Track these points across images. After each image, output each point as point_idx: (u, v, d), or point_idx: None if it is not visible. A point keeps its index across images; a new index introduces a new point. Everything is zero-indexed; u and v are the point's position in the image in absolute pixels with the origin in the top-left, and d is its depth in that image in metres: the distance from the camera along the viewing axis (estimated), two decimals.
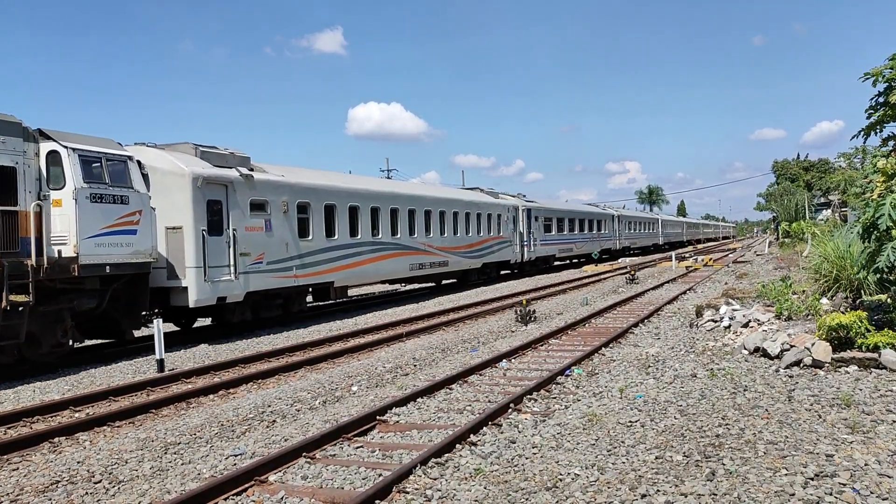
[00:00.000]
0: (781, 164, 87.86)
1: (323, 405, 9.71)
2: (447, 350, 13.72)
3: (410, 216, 24.76)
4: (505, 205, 33.78)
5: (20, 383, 11.76)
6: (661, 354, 11.55)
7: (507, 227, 33.37)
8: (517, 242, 34.76)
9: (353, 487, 6.22)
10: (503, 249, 32.92)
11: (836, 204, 50.35)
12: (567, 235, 43.22)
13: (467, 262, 29.09)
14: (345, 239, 20.72)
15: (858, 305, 11.89)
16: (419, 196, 26.13)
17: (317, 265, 19.27)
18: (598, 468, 6.15)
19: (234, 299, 16.47)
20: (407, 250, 24.15)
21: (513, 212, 34.45)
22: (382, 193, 23.52)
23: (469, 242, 29.15)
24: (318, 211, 19.65)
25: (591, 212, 50.05)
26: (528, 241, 36.29)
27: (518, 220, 35.06)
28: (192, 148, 16.65)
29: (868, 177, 11.02)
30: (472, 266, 29.77)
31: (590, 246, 47.44)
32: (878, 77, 10.01)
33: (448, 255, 27.14)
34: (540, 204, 39.54)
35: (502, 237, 32.80)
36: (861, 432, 6.69)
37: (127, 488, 6.62)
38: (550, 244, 39.98)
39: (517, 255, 34.76)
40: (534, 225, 37.01)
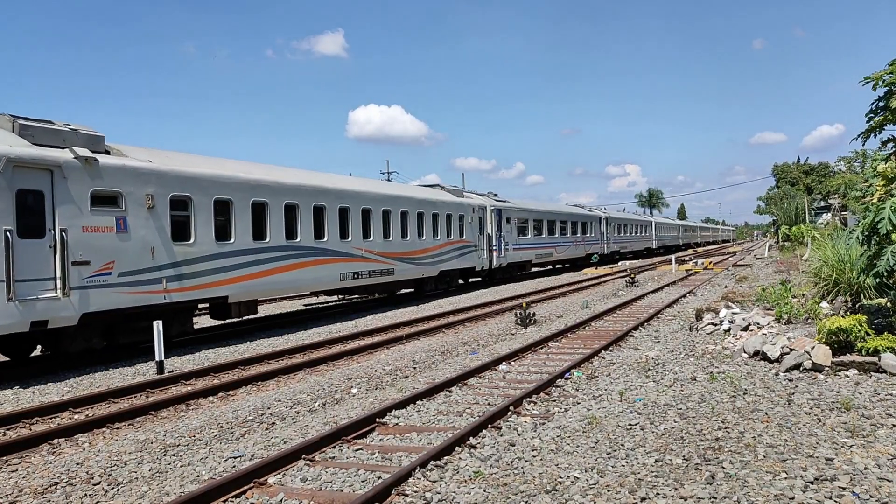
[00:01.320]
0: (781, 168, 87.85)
1: (322, 407, 9.70)
2: (447, 353, 13.72)
3: (342, 216, 20.61)
4: (469, 204, 29.67)
5: (20, 385, 11.74)
6: (661, 358, 11.55)
7: (472, 229, 29.32)
8: (484, 247, 30.88)
9: (353, 490, 6.21)
10: (467, 255, 28.91)
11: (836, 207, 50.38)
12: (546, 239, 39.34)
13: (419, 269, 25.02)
14: (245, 243, 16.74)
15: (858, 309, 11.89)
16: (354, 192, 21.53)
17: (201, 276, 15.36)
18: (597, 471, 6.15)
19: (61, 323, 12.49)
20: (337, 256, 20.08)
21: (479, 212, 30.51)
22: (302, 188, 19.11)
23: (423, 247, 25.16)
24: (203, 208, 15.59)
25: (573, 213, 45.90)
26: (499, 245, 32.50)
27: (486, 222, 31.20)
28: (9, 121, 12.67)
29: (868, 180, 11.02)
30: (427, 274, 25.82)
31: (573, 250, 44.11)
32: (879, 81, 10.01)
33: (394, 263, 23.07)
34: (513, 204, 35.69)
35: (465, 241, 28.69)
36: (861, 436, 6.69)
37: (126, 490, 6.61)
38: (526, 248, 36.27)
39: (484, 262, 30.91)
40: (505, 227, 33.26)
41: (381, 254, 22.47)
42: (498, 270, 33.17)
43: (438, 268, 26.52)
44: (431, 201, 26.46)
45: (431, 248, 25.91)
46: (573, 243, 44.31)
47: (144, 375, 12.32)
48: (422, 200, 25.75)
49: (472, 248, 29.51)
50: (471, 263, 29.50)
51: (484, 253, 30.83)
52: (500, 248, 32.55)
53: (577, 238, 45.26)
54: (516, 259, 34.80)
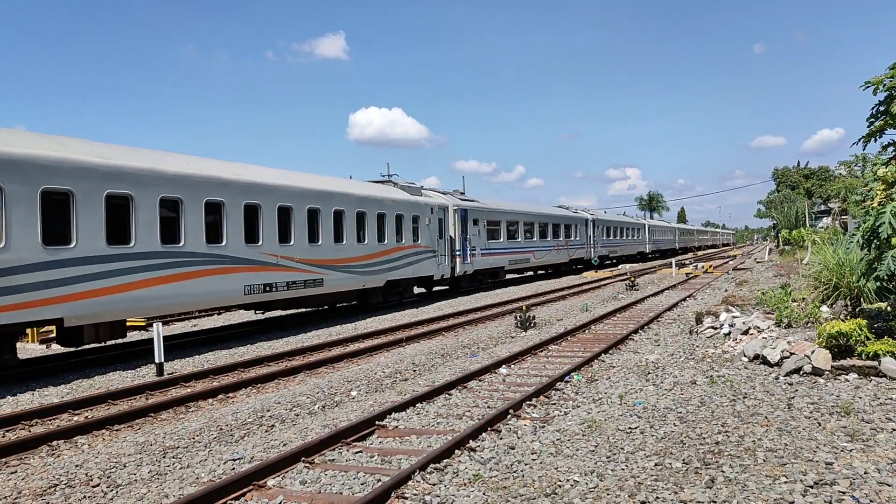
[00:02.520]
0: (782, 172, 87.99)
1: (322, 410, 9.70)
2: (447, 355, 13.71)
3: (249, 215, 16.87)
4: (427, 204, 25.84)
5: (19, 386, 11.74)
6: (661, 361, 11.54)
7: (429, 232, 25.55)
8: (445, 252, 26.95)
9: (352, 493, 6.21)
10: (423, 261, 25.03)
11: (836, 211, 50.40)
12: (522, 243, 35.51)
13: (359, 279, 21.23)
14: (92, 247, 12.96)
15: (858, 313, 11.89)
16: (267, 186, 17.62)
17: (21, 291, 11.69)
18: (597, 475, 6.14)
19: None
20: (240, 265, 16.41)
21: (439, 213, 26.67)
22: (189, 179, 15.24)
23: (363, 253, 21.32)
24: (26, 201, 11.87)
25: (555, 214, 41.79)
26: (464, 251, 28.64)
27: (447, 224, 27.32)
28: None
29: (868, 185, 11.03)
30: (371, 284, 22.00)
31: (554, 255, 40.22)
32: (879, 86, 10.03)
33: (323, 272, 19.28)
34: (481, 203, 31.90)
35: (421, 246, 24.84)
36: (861, 440, 6.69)
37: (125, 492, 6.60)
38: (497, 254, 32.36)
39: (445, 269, 27.02)
40: (472, 230, 29.46)
41: (306, 261, 18.64)
42: (464, 279, 29.50)
43: (385, 277, 22.59)
44: (376, 199, 22.44)
45: (375, 254, 22.00)
46: (554, 248, 40.34)
47: (144, 377, 12.31)
48: (363, 198, 21.63)
49: (430, 254, 25.58)
50: (427, 271, 25.58)
51: (445, 259, 26.96)
52: (464, 253, 28.72)
53: (560, 242, 41.37)
54: (485, 266, 31.08)
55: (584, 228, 46.20)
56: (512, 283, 35.71)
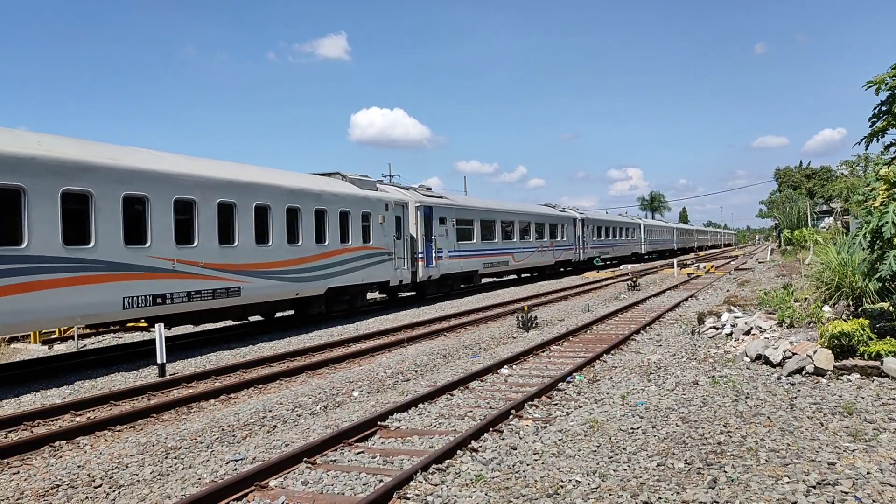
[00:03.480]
0: (783, 172, 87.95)
1: (324, 410, 9.70)
2: (448, 356, 13.71)
3: (133, 210, 13.80)
4: (381, 199, 22.64)
5: (21, 387, 11.75)
6: (663, 361, 11.53)
7: (383, 231, 22.32)
8: (405, 255, 23.87)
9: (354, 493, 6.21)
10: (375, 265, 21.84)
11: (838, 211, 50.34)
12: (499, 244, 32.44)
13: (290, 286, 17.95)
14: None
15: (860, 313, 11.87)
16: (158, 175, 14.40)
17: None
18: (599, 475, 6.14)
19: None
20: (119, 271, 13.26)
21: (396, 210, 23.52)
22: (35, 161, 11.89)
23: (298, 256, 18.21)
24: None
25: (539, 213, 38.58)
26: (428, 253, 25.50)
27: (406, 223, 24.19)
28: None
29: (870, 185, 11.02)
30: (307, 292, 18.68)
31: (538, 257, 37.03)
32: (881, 85, 10.02)
33: (241, 278, 16.18)
34: (450, 201, 28.60)
35: (372, 247, 21.63)
36: (863, 440, 6.68)
37: (127, 493, 6.61)
38: (469, 256, 29.00)
39: (404, 274, 23.89)
40: (438, 229, 26.41)
41: (216, 266, 15.47)
42: (429, 284, 26.42)
43: (325, 283, 19.33)
44: (312, 193, 19.10)
45: (312, 257, 18.81)
46: (538, 249, 37.04)
47: (146, 378, 12.32)
48: (295, 192, 18.43)
49: (384, 257, 22.35)
50: (381, 276, 22.34)
51: (404, 263, 23.77)
52: (428, 255, 25.46)
53: (544, 243, 38.12)
54: (454, 269, 27.74)
55: (572, 228, 43.09)
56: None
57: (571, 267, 43.89)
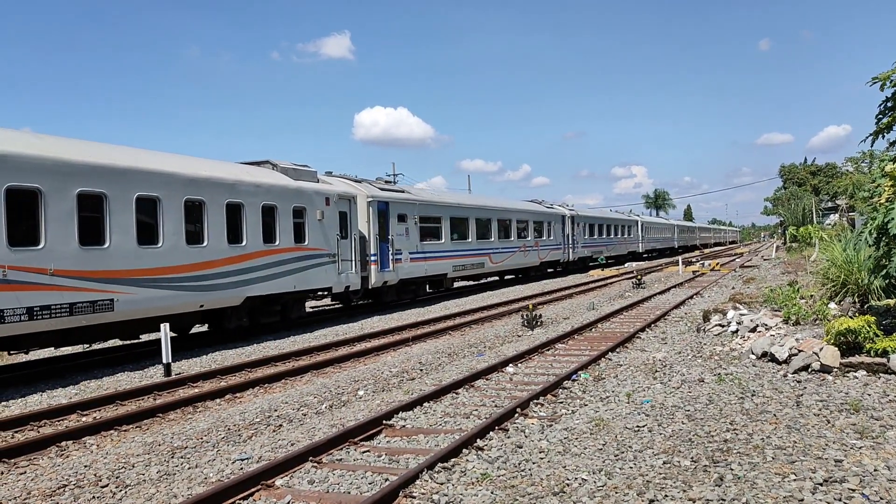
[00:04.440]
0: (788, 169, 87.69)
1: (329, 409, 9.71)
2: (453, 354, 13.71)
3: None
4: (319, 192, 19.16)
5: (28, 387, 11.79)
6: (669, 359, 11.51)
7: (322, 230, 19.04)
8: (353, 257, 20.44)
9: (360, 492, 6.21)
10: (312, 269, 18.59)
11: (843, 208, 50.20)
12: (473, 244, 29.10)
13: (193, 296, 14.69)
14: None
15: (866, 310, 11.84)
16: None
17: None
18: (605, 473, 6.13)
19: None
20: None
21: (341, 205, 19.98)
22: None
23: (202, 259, 14.97)
24: None
25: (520, 209, 35.32)
26: (383, 255, 22.32)
27: (354, 220, 20.65)
28: None
29: (876, 181, 10.98)
30: (217, 303, 15.48)
31: (520, 259, 33.87)
32: (886, 82, 9.98)
33: (115, 288, 12.98)
34: (411, 195, 25.41)
35: (308, 248, 18.40)
36: (870, 438, 6.66)
37: (134, 492, 6.63)
38: (436, 257, 25.93)
39: (351, 279, 20.39)
40: (396, 228, 23.31)
41: (76, 273, 12.26)
42: (386, 290, 23.44)
43: (243, 292, 16.12)
44: (224, 183, 15.81)
45: (222, 260, 15.49)
46: (520, 249, 33.77)
47: (152, 378, 12.35)
48: (197, 181, 15.05)
49: (324, 259, 19.05)
50: (320, 282, 19.12)
51: (351, 266, 20.37)
52: (383, 257, 22.42)
53: (528, 242, 34.88)
54: (416, 273, 24.55)
55: (560, 226, 39.80)
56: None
57: (561, 268, 41.12)
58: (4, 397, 11.09)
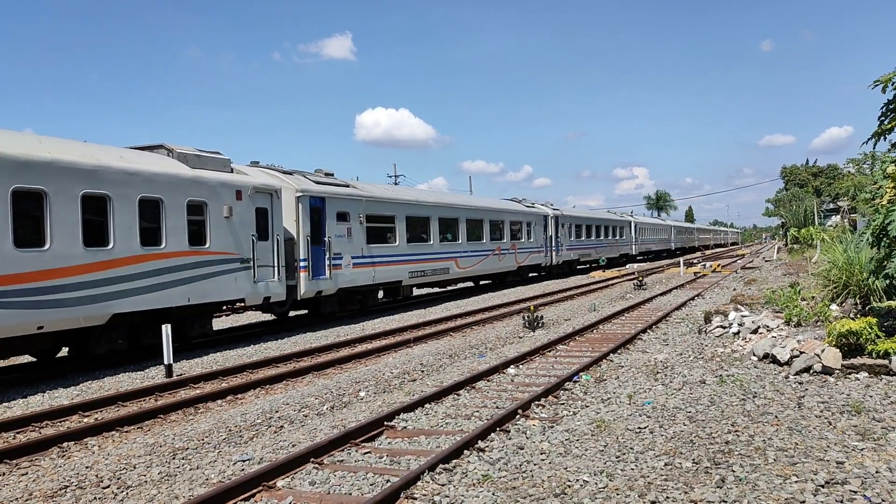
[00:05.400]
0: (790, 170, 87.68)
1: (331, 411, 9.71)
2: (455, 356, 13.71)
3: None
4: (228, 184, 15.89)
5: (30, 389, 11.80)
6: (670, 361, 11.51)
7: (232, 230, 15.83)
8: (274, 262, 17.13)
9: (361, 493, 6.21)
10: (217, 277, 15.34)
11: (845, 210, 50.14)
12: (435, 247, 25.65)
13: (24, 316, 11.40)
14: None
15: (868, 312, 11.83)
16: None
17: None
18: (606, 475, 6.13)
19: None
20: None
21: (258, 200, 16.72)
22: None
23: (43, 267, 11.72)
24: None
25: (494, 208, 31.99)
26: (316, 260, 18.93)
27: (274, 218, 17.23)
28: None
29: (877, 182, 10.98)
30: (66, 323, 12.21)
31: (492, 263, 30.48)
32: (888, 84, 9.98)
33: None
34: (355, 190, 21.59)
35: (211, 252, 15.20)
36: (872, 439, 6.65)
37: (135, 493, 6.63)
38: (387, 262, 22.48)
39: (272, 289, 17.08)
40: (335, 228, 19.82)
41: None
42: (325, 301, 20.02)
43: (108, 308, 12.86)
44: (79, 170, 12.48)
45: (75, 268, 12.27)
46: (493, 252, 30.47)
47: (153, 379, 12.36)
48: (34, 166, 11.75)
49: (235, 266, 15.85)
50: (227, 293, 15.80)
51: (273, 273, 17.12)
52: (317, 263, 18.98)
53: (503, 244, 31.61)
54: (361, 281, 21.14)
55: (542, 227, 36.67)
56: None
57: (545, 272, 37.97)
58: (6, 398, 11.10)
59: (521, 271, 34.31)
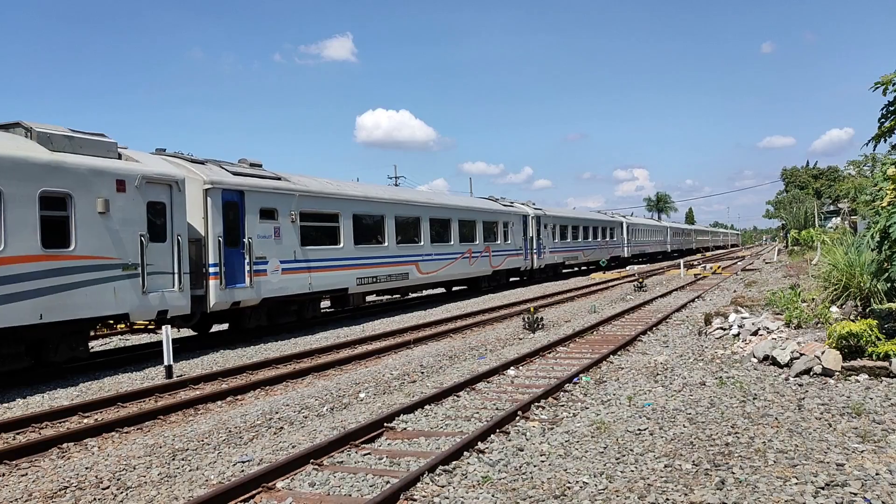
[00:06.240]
0: (790, 172, 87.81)
1: (330, 412, 9.70)
2: (455, 357, 13.71)
3: None
4: (107, 173, 13.15)
5: (29, 389, 11.80)
6: (670, 362, 11.51)
7: (111, 229, 13.10)
8: (172, 268, 14.34)
9: (361, 495, 6.21)
10: (86, 289, 12.55)
11: (845, 212, 50.16)
12: (391, 249, 22.62)
13: None
14: None
15: (868, 314, 11.83)
16: None
17: None
18: (606, 476, 6.12)
19: None
20: None
21: (152, 193, 14.00)
22: None
23: None
24: None
25: (464, 206, 28.88)
26: (232, 265, 16.03)
27: (173, 215, 14.44)
28: None
29: (878, 185, 10.98)
30: None
31: (461, 267, 27.40)
32: (888, 86, 9.99)
33: None
34: (286, 183, 18.32)
35: (79, 257, 12.49)
36: (872, 441, 6.65)
37: (135, 494, 6.63)
38: (328, 267, 19.41)
39: (170, 301, 14.26)
40: (258, 227, 16.83)
41: None
42: (251, 314, 17.22)
43: None
44: None
45: None
46: (462, 255, 27.51)
47: (153, 380, 12.36)
48: None
49: (114, 274, 13.06)
50: (105, 307, 12.97)
51: (170, 282, 14.21)
52: (235, 269, 16.16)
53: (476, 246, 28.70)
54: (293, 289, 18.01)
55: (522, 228, 33.76)
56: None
57: (526, 276, 35.63)
58: (6, 399, 11.10)
59: (496, 276, 31.79)
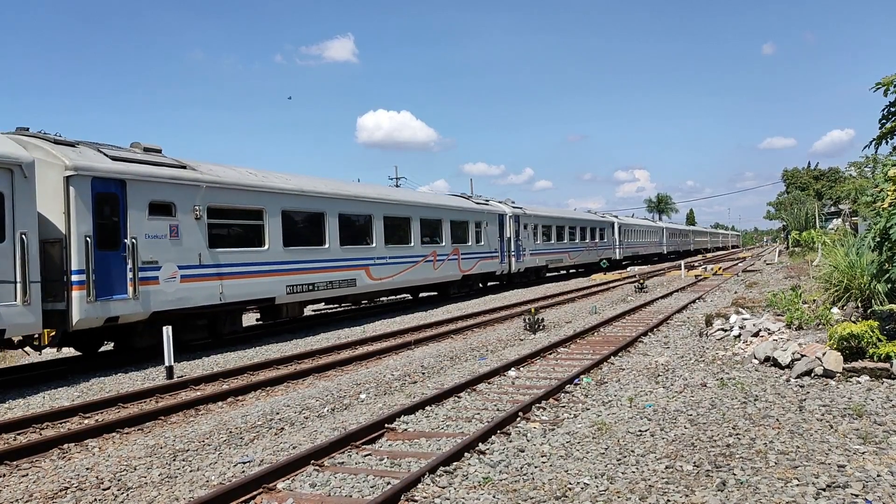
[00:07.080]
0: (791, 173, 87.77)
1: (331, 413, 9.70)
2: (455, 358, 13.70)
3: None
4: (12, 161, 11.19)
5: (30, 389, 11.80)
6: (671, 363, 11.50)
7: None
8: (15, 277, 11.36)
9: (362, 496, 6.21)
10: None
11: (846, 213, 50.14)
12: (333, 252, 19.52)
13: None
14: None
15: (869, 315, 11.82)
16: None
17: None
18: (607, 477, 6.12)
19: None
20: None
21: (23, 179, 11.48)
22: None
23: None
24: None
25: (426, 204, 25.66)
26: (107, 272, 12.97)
27: (17, 210, 11.45)
28: None
29: (879, 186, 10.97)
30: None
31: (423, 271, 24.55)
32: (890, 87, 9.99)
33: None
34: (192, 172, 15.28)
35: None
36: (873, 443, 6.64)
37: (135, 495, 6.63)
38: (248, 273, 16.50)
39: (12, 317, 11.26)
40: (147, 226, 13.85)
41: None
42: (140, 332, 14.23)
43: None
44: None
45: None
46: (425, 258, 24.60)
47: (154, 380, 12.36)
48: None
49: None
50: None
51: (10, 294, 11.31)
52: (111, 277, 13.16)
53: (442, 248, 25.75)
54: (197, 300, 15.02)
55: (498, 228, 30.75)
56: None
57: (506, 281, 32.91)
58: (7, 399, 11.10)
59: (468, 281, 28.48)
